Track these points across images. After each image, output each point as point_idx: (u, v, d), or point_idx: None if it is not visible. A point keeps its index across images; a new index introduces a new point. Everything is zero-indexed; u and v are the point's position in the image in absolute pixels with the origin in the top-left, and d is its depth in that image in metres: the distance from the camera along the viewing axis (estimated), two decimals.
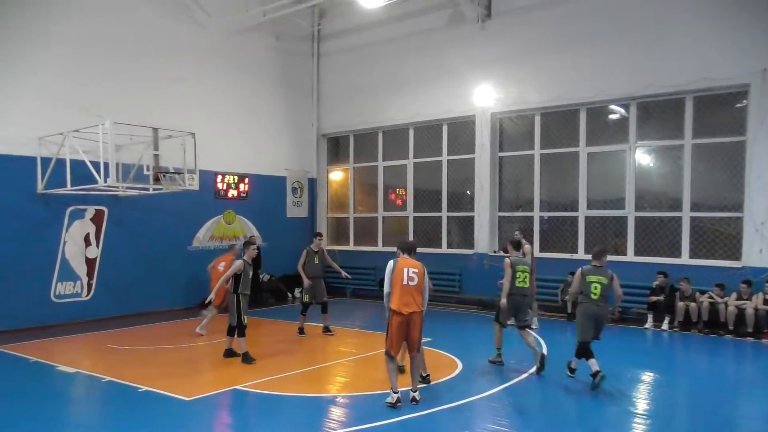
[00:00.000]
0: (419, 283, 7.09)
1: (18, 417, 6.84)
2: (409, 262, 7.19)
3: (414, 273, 7.09)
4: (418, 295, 7.09)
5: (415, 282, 7.06)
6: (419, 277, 7.10)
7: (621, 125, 13.25)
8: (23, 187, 11.96)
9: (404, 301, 7.02)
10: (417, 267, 7.16)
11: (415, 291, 7.07)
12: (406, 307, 7.01)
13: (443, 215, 15.84)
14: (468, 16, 14.79)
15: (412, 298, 7.05)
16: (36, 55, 12.10)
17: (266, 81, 16.87)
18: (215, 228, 15.55)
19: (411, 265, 7.14)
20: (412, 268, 7.11)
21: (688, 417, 7.35)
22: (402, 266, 7.11)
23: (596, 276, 8.32)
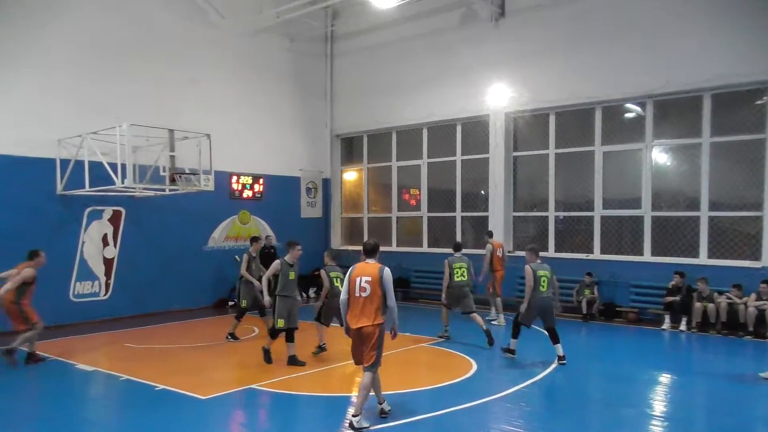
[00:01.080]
0: (372, 293, 6.25)
1: (38, 414, 6.96)
2: (364, 269, 6.36)
3: (366, 282, 6.26)
4: (371, 306, 6.25)
5: (366, 293, 6.25)
6: (372, 286, 6.25)
7: (637, 124, 13.13)
8: (43, 189, 12.13)
9: (354, 313, 6.33)
10: (371, 274, 6.27)
11: (366, 303, 6.27)
12: (355, 322, 6.32)
13: (457, 215, 15.80)
14: (481, 15, 14.74)
15: (361, 311, 6.29)
16: (54, 58, 12.26)
17: (280, 82, 16.95)
18: (230, 228, 15.65)
19: (365, 272, 6.31)
20: (365, 276, 6.27)
21: (705, 419, 7.26)
22: (356, 274, 6.34)
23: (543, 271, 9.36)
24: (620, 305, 12.90)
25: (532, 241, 14.52)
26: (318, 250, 17.80)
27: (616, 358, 9.83)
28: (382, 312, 6.34)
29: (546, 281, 9.24)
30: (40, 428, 6.54)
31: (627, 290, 12.80)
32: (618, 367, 9.18)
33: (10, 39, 11.71)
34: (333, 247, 18.04)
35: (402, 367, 9.24)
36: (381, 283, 6.24)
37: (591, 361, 9.71)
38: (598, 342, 11.53)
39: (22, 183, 11.81)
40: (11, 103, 11.66)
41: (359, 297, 6.29)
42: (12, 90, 11.69)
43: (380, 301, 6.27)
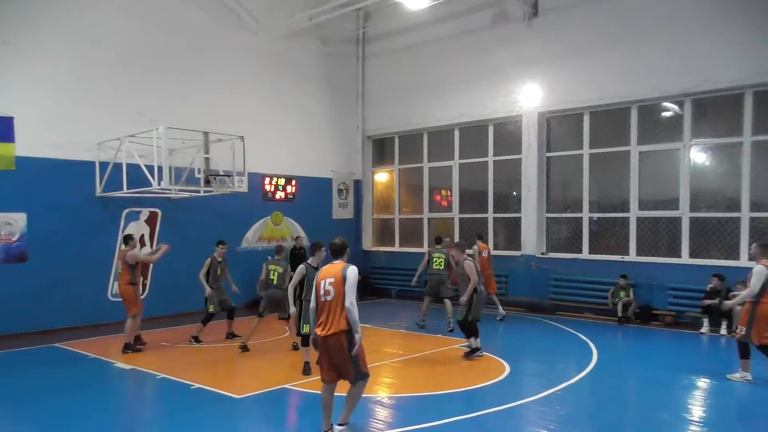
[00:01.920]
0: (336, 295, 5.69)
1: (78, 412, 7.12)
2: (329, 270, 5.87)
3: (330, 285, 5.73)
4: (336, 311, 5.67)
5: (331, 296, 5.71)
6: (335, 288, 5.70)
7: (675, 123, 12.85)
8: (83, 191, 12.47)
9: (320, 320, 5.80)
10: (334, 275, 5.75)
11: (331, 307, 5.71)
12: (321, 329, 5.78)
13: (489, 216, 15.70)
14: (513, 15, 14.62)
15: (327, 317, 5.73)
16: (92, 63, 12.58)
17: (312, 84, 17.08)
18: (263, 229, 15.83)
19: (329, 274, 5.82)
20: (329, 278, 5.76)
21: (744, 425, 7.06)
22: (321, 277, 5.87)
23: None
24: (657, 308, 12.64)
25: (566, 242, 14.38)
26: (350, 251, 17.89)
27: (653, 361, 9.63)
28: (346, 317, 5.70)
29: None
30: (80, 425, 6.70)
31: (664, 293, 12.54)
32: (654, 371, 9.00)
33: (50, 45, 12.07)
34: (364, 248, 18.14)
35: (433, 369, 9.23)
36: (343, 283, 5.66)
37: (627, 365, 9.54)
38: (634, 345, 11.32)
39: (63, 185, 12.16)
40: (53, 108, 12.01)
41: (324, 301, 5.75)
42: (53, 95, 12.04)
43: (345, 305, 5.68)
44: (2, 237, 11.46)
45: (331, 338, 5.68)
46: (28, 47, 11.75)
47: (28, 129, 11.59)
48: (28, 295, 11.63)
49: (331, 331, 5.66)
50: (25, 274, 11.66)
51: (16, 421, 6.97)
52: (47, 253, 11.94)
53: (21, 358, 9.89)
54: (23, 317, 11.57)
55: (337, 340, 5.67)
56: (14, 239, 11.60)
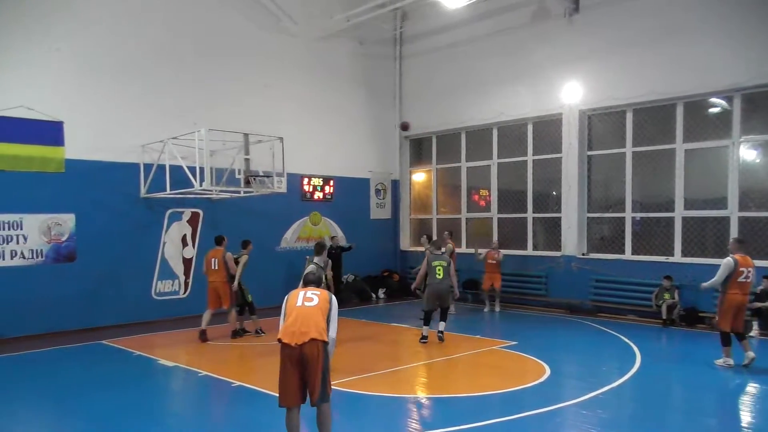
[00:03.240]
0: (319, 302, 5.46)
1: (123, 408, 7.31)
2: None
3: (314, 293, 5.51)
4: (320, 317, 5.40)
5: (313, 303, 5.45)
6: (319, 295, 5.51)
7: (723, 119, 12.44)
8: (128, 192, 12.81)
9: (292, 326, 5.32)
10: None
11: (311, 313, 5.39)
12: (297, 334, 5.28)
13: (528, 216, 15.49)
14: (554, 12, 14.39)
15: (304, 322, 5.34)
16: (135, 68, 12.91)
17: (350, 85, 17.17)
18: (302, 229, 15.98)
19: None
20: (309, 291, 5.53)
21: None
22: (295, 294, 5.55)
23: (438, 261, 10.69)
24: (703, 311, 12.25)
25: (608, 243, 14.09)
26: (387, 251, 17.98)
27: (699, 365, 9.35)
28: (328, 326, 5.44)
29: (441, 270, 10.58)
30: (123, 421, 6.87)
31: (710, 295, 12.12)
32: (701, 375, 8.74)
33: (95, 51, 12.43)
34: (402, 248, 18.14)
35: (472, 370, 9.17)
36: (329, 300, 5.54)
37: (672, 369, 9.30)
38: (680, 348, 11.02)
39: (109, 187, 12.52)
40: (99, 113, 12.36)
41: (302, 306, 5.39)
42: (99, 100, 12.39)
43: (328, 314, 5.45)
44: (52, 237, 11.86)
45: (308, 345, 5.21)
46: (77, 53, 12.13)
47: (77, 133, 12.01)
48: (76, 294, 12.01)
49: (311, 336, 5.22)
50: (74, 273, 12.05)
51: (63, 415, 7.21)
52: (94, 253, 12.32)
53: (69, 355, 10.23)
54: (71, 315, 11.95)
55: (313, 348, 5.23)
56: (63, 239, 11.99)
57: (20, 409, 7.38)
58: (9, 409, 7.36)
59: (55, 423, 7.03)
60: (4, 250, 11.29)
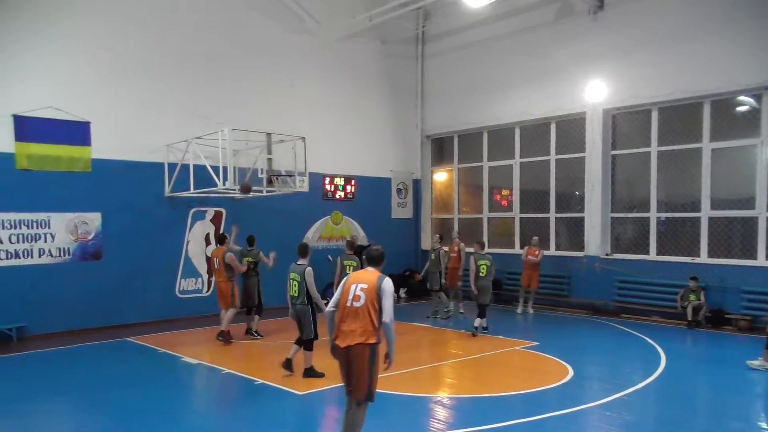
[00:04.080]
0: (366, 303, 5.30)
1: (148, 405, 7.42)
2: (360, 276, 5.49)
3: (361, 290, 5.34)
4: (363, 320, 5.29)
5: (360, 302, 5.32)
6: (367, 295, 5.31)
7: (751, 118, 12.21)
8: (153, 191, 12.97)
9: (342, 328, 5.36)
10: (368, 282, 5.37)
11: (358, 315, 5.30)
12: (343, 339, 5.34)
13: (551, 216, 15.36)
14: (578, 9, 14.25)
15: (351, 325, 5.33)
16: (160, 70, 13.06)
17: (372, 84, 17.19)
18: (323, 228, 16.04)
19: (361, 279, 5.42)
20: (361, 284, 5.37)
21: None
22: (351, 281, 5.46)
23: (483, 260, 11.44)
24: (730, 312, 12.05)
25: (632, 243, 13.92)
26: (409, 250, 17.96)
27: (725, 367, 9.19)
28: (375, 329, 5.31)
29: (485, 268, 11.36)
30: (147, 416, 6.98)
31: (737, 296, 11.94)
32: (727, 377, 8.59)
33: (121, 53, 12.60)
34: (423, 248, 18.11)
35: (494, 370, 9.13)
36: (378, 293, 5.28)
37: (697, 371, 9.17)
38: (705, 350, 10.85)
39: (134, 186, 12.69)
40: (125, 113, 12.53)
41: (350, 307, 5.33)
42: (124, 101, 12.56)
43: (377, 315, 5.28)
44: (79, 236, 12.06)
45: (354, 348, 5.27)
46: (103, 55, 12.31)
47: (103, 133, 12.20)
48: (101, 291, 12.20)
49: (357, 341, 5.25)
50: (100, 271, 12.23)
51: (89, 411, 7.32)
52: (119, 251, 12.50)
53: (94, 352, 10.40)
54: (97, 312, 12.14)
55: (359, 351, 5.27)
56: (90, 238, 12.19)
57: (46, 405, 7.52)
58: (36, 404, 7.50)
59: (81, 419, 7.14)
60: (33, 248, 11.51)
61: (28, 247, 11.46)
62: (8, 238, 11.24)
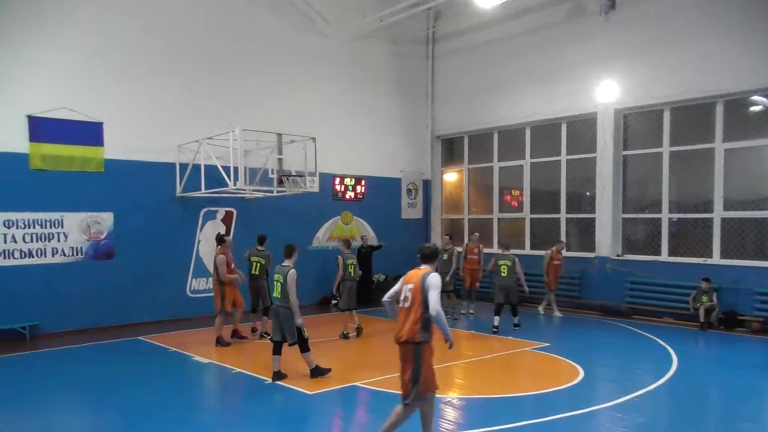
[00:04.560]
0: (413, 303, 5.40)
1: (159, 403, 7.47)
2: (412, 275, 5.57)
3: (409, 290, 5.46)
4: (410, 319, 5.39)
5: (408, 303, 5.45)
6: (414, 295, 5.40)
7: (765, 117, 12.11)
8: (164, 191, 13.06)
9: (397, 325, 5.55)
10: (414, 282, 5.45)
11: (406, 314, 5.44)
12: (395, 335, 5.54)
13: (561, 217, 15.31)
14: (589, 9, 14.18)
15: (402, 323, 5.48)
16: (173, 69, 13.16)
17: (382, 84, 17.21)
18: (333, 228, 16.07)
19: (410, 279, 5.53)
20: (409, 284, 5.48)
21: None
22: (404, 281, 5.61)
23: (503, 260, 11.85)
24: (743, 314, 11.95)
25: (644, 244, 13.84)
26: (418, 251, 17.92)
27: (737, 369, 9.12)
28: (422, 327, 5.36)
29: (506, 269, 11.78)
30: (158, 415, 7.03)
31: (750, 297, 11.84)
32: (739, 378, 8.53)
33: (133, 54, 12.70)
34: None
35: (505, 371, 9.11)
36: (423, 290, 5.35)
37: (709, 372, 9.10)
38: (717, 352, 10.77)
39: (146, 186, 12.79)
40: (137, 114, 12.63)
41: (401, 307, 5.52)
42: (137, 101, 12.66)
43: (421, 313, 5.34)
44: (92, 235, 12.17)
45: (402, 347, 5.49)
46: (116, 56, 12.40)
47: (115, 133, 12.30)
48: (113, 291, 12.30)
49: (403, 339, 5.45)
50: (112, 271, 12.34)
51: (101, 410, 7.39)
52: (132, 251, 12.60)
53: (107, 351, 10.47)
54: (109, 311, 12.26)
55: (405, 349, 5.45)
56: (102, 237, 12.30)
57: (59, 403, 7.60)
58: (49, 402, 7.58)
59: (93, 417, 7.20)
60: (46, 248, 11.63)
61: (42, 247, 11.58)
62: (22, 237, 11.36)
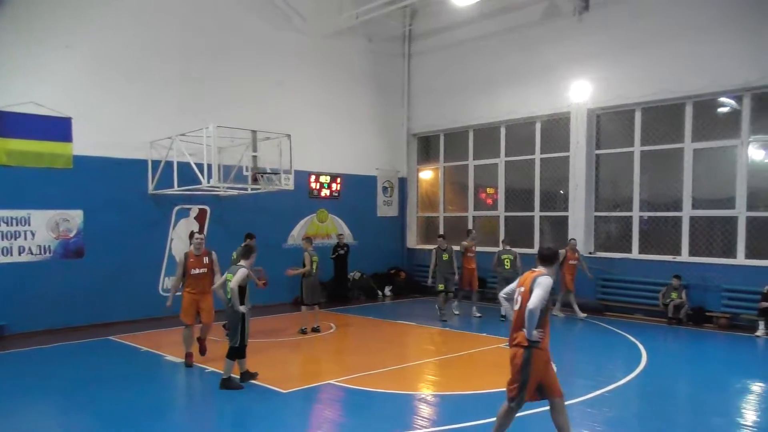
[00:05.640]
0: (521, 307, 5.29)
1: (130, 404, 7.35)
2: (524, 278, 5.46)
3: (519, 294, 5.39)
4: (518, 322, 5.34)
5: (518, 305, 5.38)
6: (523, 298, 5.31)
7: (732, 119, 12.37)
8: (136, 188, 12.86)
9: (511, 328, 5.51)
10: (524, 284, 5.38)
11: (516, 318, 5.40)
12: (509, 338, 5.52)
13: (535, 215, 15.46)
14: (564, 10, 14.33)
15: (513, 326, 5.44)
16: (145, 64, 12.96)
17: (358, 82, 17.18)
18: (309, 226, 16.01)
19: (522, 282, 5.43)
20: (521, 287, 5.41)
21: None
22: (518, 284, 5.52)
23: (506, 255, 12.29)
24: (710, 310, 12.21)
25: (616, 242, 14.05)
26: (394, 248, 17.99)
27: (705, 364, 9.33)
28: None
29: (509, 262, 12.14)
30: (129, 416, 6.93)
31: (718, 294, 12.11)
32: (707, 374, 8.72)
33: (105, 48, 12.48)
34: (409, 246, 18.17)
35: (477, 367, 9.17)
36: (530, 293, 5.19)
37: (678, 368, 9.27)
38: (686, 348, 10.98)
39: (117, 183, 12.57)
40: (107, 109, 12.40)
41: (515, 310, 5.42)
42: (107, 96, 12.43)
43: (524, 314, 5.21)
44: (60, 233, 11.93)
45: (511, 350, 5.40)
46: (85, 51, 12.18)
47: (85, 129, 12.06)
48: (84, 290, 12.07)
49: (514, 342, 5.37)
50: (82, 269, 12.11)
51: (71, 411, 7.26)
52: (102, 249, 12.38)
53: (77, 351, 10.28)
54: (79, 311, 12.02)
55: (512, 353, 5.38)
56: (71, 235, 12.06)
57: (28, 405, 7.44)
58: (17, 404, 7.42)
59: (63, 418, 7.07)
60: (13, 246, 11.36)
61: (8, 245, 11.31)
62: None
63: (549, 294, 5.22)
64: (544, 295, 5.14)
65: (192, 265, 8.98)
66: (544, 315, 5.24)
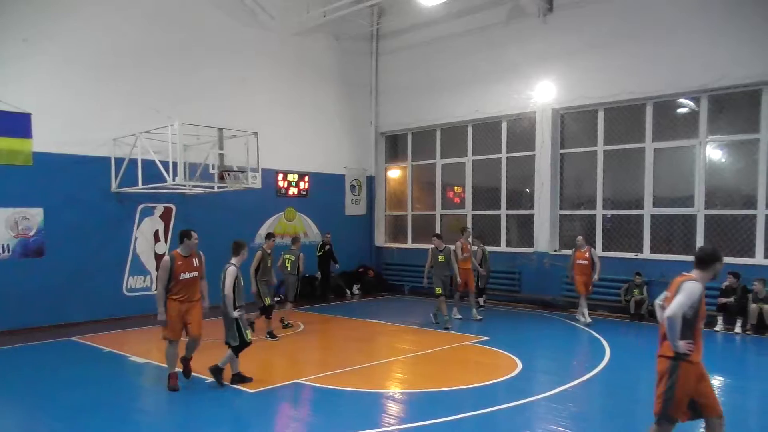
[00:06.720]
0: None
1: (93, 405, 7.21)
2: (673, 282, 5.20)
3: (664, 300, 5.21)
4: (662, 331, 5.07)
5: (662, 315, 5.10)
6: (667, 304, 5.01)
7: (690, 119, 12.73)
8: (99, 186, 12.60)
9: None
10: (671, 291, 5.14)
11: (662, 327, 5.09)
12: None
13: (502, 213, 15.65)
14: (528, 10, 14.54)
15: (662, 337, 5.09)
16: (108, 59, 12.69)
17: (326, 80, 17.13)
18: (276, 225, 15.90)
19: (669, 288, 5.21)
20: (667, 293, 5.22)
21: (759, 423, 7.01)
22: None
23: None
24: None
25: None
26: (363, 247, 18.00)
27: None
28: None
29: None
30: (92, 418, 6.79)
31: None
32: None
33: (66, 43, 12.20)
34: (377, 244, 18.21)
35: (445, 365, 9.25)
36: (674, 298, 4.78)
37: (640, 363, 9.48)
38: (648, 343, 11.20)
39: (79, 181, 12.30)
40: (69, 105, 12.13)
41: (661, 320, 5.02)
42: (69, 92, 12.16)
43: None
44: (20, 232, 11.62)
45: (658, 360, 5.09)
46: (46, 45, 11.86)
47: (45, 125, 11.76)
48: (44, 289, 11.78)
49: (659, 353, 5.05)
50: (42, 269, 11.82)
51: (32, 413, 7.08)
52: (64, 248, 12.10)
53: (38, 352, 10.04)
54: (40, 311, 11.73)
55: (661, 363, 5.04)
56: (31, 234, 11.76)
57: None
58: None
59: (24, 421, 6.90)
60: None
61: None
62: None
63: (696, 301, 4.81)
64: (686, 301, 4.74)
65: (181, 268, 7.71)
66: (693, 325, 4.84)
